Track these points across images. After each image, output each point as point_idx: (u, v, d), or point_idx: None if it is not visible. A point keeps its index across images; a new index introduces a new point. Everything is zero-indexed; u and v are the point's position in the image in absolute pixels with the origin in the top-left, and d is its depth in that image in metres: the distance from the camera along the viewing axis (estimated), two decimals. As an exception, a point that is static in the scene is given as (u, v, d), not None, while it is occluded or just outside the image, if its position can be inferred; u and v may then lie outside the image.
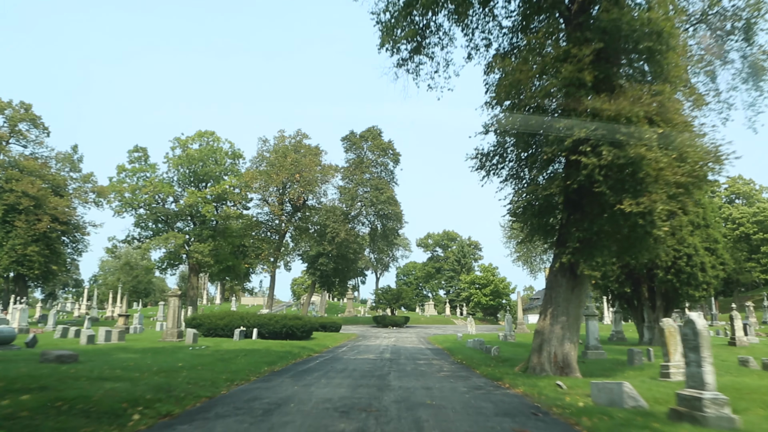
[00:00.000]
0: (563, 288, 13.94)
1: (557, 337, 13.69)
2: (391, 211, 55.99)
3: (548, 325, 13.89)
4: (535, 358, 13.90)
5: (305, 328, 31.92)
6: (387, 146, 58.34)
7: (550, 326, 13.83)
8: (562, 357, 13.54)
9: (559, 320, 13.77)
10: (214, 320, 31.13)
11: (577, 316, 13.91)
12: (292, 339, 31.12)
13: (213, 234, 62.55)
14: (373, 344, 31.68)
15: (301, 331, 31.61)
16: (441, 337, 38.55)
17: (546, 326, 13.94)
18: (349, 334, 42.78)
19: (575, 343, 13.80)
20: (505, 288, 72.82)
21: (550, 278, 14.50)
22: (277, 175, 56.25)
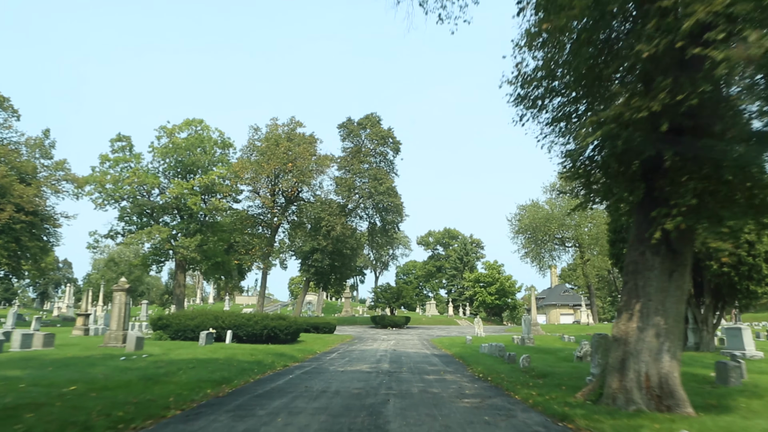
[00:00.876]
0: (656, 272, 8.85)
1: (650, 348, 8.60)
2: (391, 203, 50.87)
3: (634, 330, 8.79)
4: (615, 381, 8.78)
5: (290, 329, 26.80)
6: (386, 134, 53.28)
7: (638, 332, 8.73)
8: (659, 380, 8.44)
9: (651, 322, 8.68)
10: (184, 321, 26.06)
11: (678, 315, 8.82)
12: (275, 342, 26.06)
13: (200, 228, 57.55)
14: (369, 349, 26.57)
15: (285, 334, 26.49)
16: (446, 340, 33.45)
17: (630, 331, 8.83)
18: (343, 336, 37.67)
19: (678, 359, 8.69)
20: (511, 286, 67.66)
21: (632, 258, 9.38)
22: (268, 164, 51.13)
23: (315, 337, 33.92)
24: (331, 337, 34.81)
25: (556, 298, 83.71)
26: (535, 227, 52.94)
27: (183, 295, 57.94)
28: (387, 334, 42.97)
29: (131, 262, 65.01)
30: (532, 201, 56.02)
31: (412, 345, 30.09)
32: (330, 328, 40.20)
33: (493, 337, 34.96)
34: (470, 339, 29.98)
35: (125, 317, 19.39)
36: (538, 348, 25.58)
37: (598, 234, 52.06)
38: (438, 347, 28.41)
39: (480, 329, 39.91)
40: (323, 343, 28.84)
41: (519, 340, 28.65)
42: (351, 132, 54.24)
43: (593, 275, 55.23)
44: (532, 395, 10.27)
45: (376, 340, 34.65)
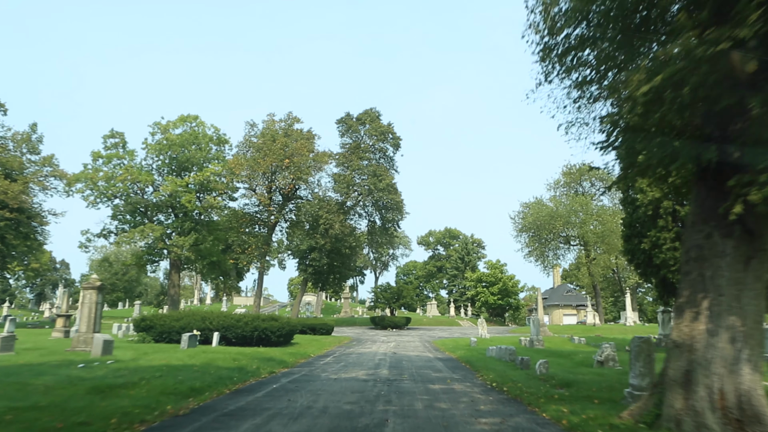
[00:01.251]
0: (728, 259, 6.87)
1: (724, 357, 6.62)
2: (391, 200, 48.88)
3: (702, 334, 6.80)
4: (679, 399, 6.80)
5: (282, 331, 24.79)
6: (386, 130, 51.32)
7: (708, 335, 6.74)
8: (737, 398, 6.45)
9: (724, 323, 6.70)
10: (169, 322, 24.06)
11: (758, 314, 6.84)
12: (266, 345, 24.08)
13: (195, 227, 55.61)
14: (367, 351, 24.59)
15: (277, 336, 24.50)
16: (450, 342, 31.45)
17: (697, 335, 6.85)
18: (341, 338, 35.68)
19: (761, 371, 6.71)
20: (513, 286, 65.62)
21: (695, 242, 7.37)
22: (264, 161, 49.17)
23: (311, 339, 31.94)
24: (327, 339, 32.83)
25: (559, 299, 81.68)
26: (539, 225, 50.99)
27: (178, 296, 56.00)
28: (387, 336, 41.00)
29: (124, 262, 63.02)
30: (535, 198, 54.13)
31: (414, 347, 28.11)
32: (327, 330, 38.22)
33: (498, 339, 32.97)
34: (475, 341, 27.99)
35: (96, 318, 17.40)
36: (549, 351, 23.58)
37: (604, 232, 50.13)
38: (441, 350, 26.41)
39: (484, 330, 37.92)
40: (318, 346, 26.87)
41: (527, 342, 26.67)
42: (350, 128, 52.30)
43: (600, 274, 53.26)
44: (563, 413, 8.29)
45: (375, 342, 32.68)
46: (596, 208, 51.45)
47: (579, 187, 55.27)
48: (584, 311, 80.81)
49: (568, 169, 55.06)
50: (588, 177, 55.00)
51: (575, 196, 52.64)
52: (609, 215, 51.60)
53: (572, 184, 55.51)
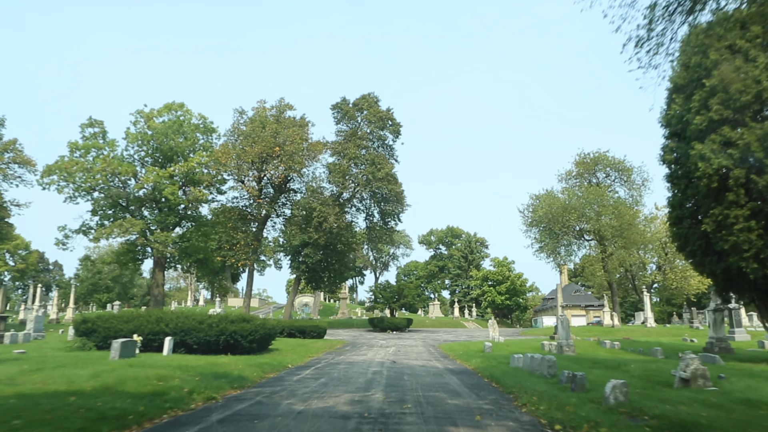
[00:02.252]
0: None
1: None
2: (390, 191, 43.83)
3: None
4: None
5: (256, 335, 19.71)
6: (385, 115, 46.36)
7: None
8: None
9: None
10: (116, 324, 19.06)
11: None
12: (236, 352, 19.08)
13: (179, 221, 50.66)
14: (360, 360, 19.53)
15: (249, 341, 19.43)
16: (458, 347, 26.36)
17: None
18: (333, 342, 30.63)
19: None
20: (522, 285, 60.49)
21: None
22: (253, 149, 44.24)
23: (297, 343, 26.88)
24: (317, 344, 27.76)
25: (567, 299, 76.47)
26: (552, 218, 45.92)
27: (162, 296, 50.89)
28: (386, 339, 35.96)
29: (104, 260, 58.05)
30: (546, 191, 49.08)
31: (417, 354, 23.06)
32: (319, 333, 33.19)
33: (515, 343, 27.88)
34: (489, 346, 22.91)
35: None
36: (586, 359, 18.53)
37: (621, 226, 45.08)
38: (451, 357, 21.36)
39: (495, 332, 32.85)
40: (303, 353, 21.85)
41: (554, 348, 21.62)
42: (346, 114, 47.35)
43: (618, 271, 48.23)
44: None
45: (372, 347, 27.63)
46: (611, 199, 46.40)
47: (593, 178, 50.25)
48: (593, 312, 75.68)
49: (582, 158, 50.05)
50: (603, 167, 50.00)
51: (589, 187, 47.62)
52: (626, 207, 46.59)
53: (585, 175, 50.46)
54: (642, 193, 48.50)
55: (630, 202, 47.56)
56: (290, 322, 33.27)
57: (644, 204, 48.71)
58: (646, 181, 48.29)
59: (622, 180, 49.51)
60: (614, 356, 20.44)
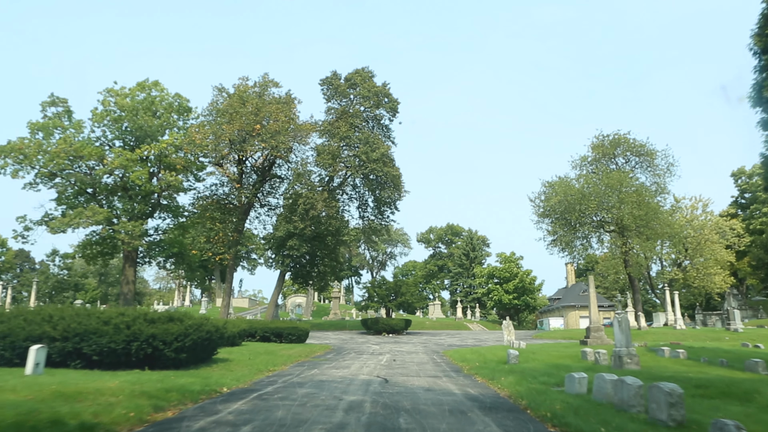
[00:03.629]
0: None
1: None
2: (386, 174, 37.54)
3: None
4: None
5: (185, 341, 13.27)
6: (381, 91, 40.12)
7: None
8: None
9: None
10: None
11: None
12: (157, 366, 12.75)
13: (152, 211, 44.33)
14: (338, 378, 13.16)
15: (175, 350, 13.02)
16: (470, 355, 19.95)
17: None
18: (315, 348, 24.24)
19: None
20: (531, 283, 54.15)
21: None
22: (229, 126, 37.98)
23: (265, 350, 20.49)
24: (292, 350, 21.35)
25: (575, 299, 70.14)
26: (567, 207, 39.64)
27: (132, 294, 44.35)
28: (379, 343, 29.62)
29: (66, 255, 51.71)
30: (558, 177, 42.80)
31: (418, 366, 16.71)
32: (299, 336, 26.80)
33: (541, 350, 21.49)
34: (515, 355, 16.50)
35: None
36: (666, 377, 12.22)
37: (647, 215, 38.81)
38: (465, 371, 15.01)
39: (512, 336, 26.53)
40: (263, 364, 15.50)
41: (612, 359, 15.26)
42: (337, 90, 41.11)
43: (644, 266, 41.99)
44: None
45: (361, 354, 21.27)
46: (633, 186, 40.13)
47: (611, 164, 44.02)
48: (603, 313, 69.24)
49: (600, 140, 43.80)
50: (623, 151, 43.74)
51: (609, 172, 41.37)
52: (650, 194, 40.36)
53: (602, 160, 44.22)
54: (666, 180, 42.27)
55: (654, 190, 41.30)
56: (265, 324, 26.93)
57: (670, 191, 42.28)
58: (671, 165, 42.12)
59: (645, 165, 43.29)
60: (698, 372, 14.13)
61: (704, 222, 52.33)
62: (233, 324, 22.64)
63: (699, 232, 51.03)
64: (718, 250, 51.71)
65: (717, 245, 51.96)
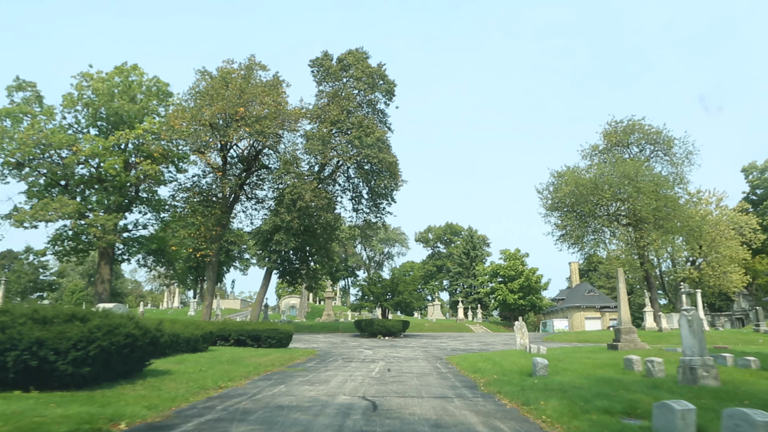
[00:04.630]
0: None
1: None
2: (382, 161, 33.61)
3: None
4: None
5: (90, 349, 9.21)
6: (376, 72, 36.24)
7: None
8: None
9: None
10: None
11: None
12: (48, 386, 8.70)
13: (128, 204, 40.40)
14: (306, 401, 9.13)
15: (73, 362, 8.97)
16: (482, 363, 15.90)
17: None
18: (295, 354, 20.18)
19: None
20: (537, 282, 50.20)
21: None
22: (209, 109, 34.05)
23: (230, 357, 16.47)
24: (265, 358, 17.31)
25: (579, 299, 66.17)
26: (578, 197, 35.73)
27: (107, 294, 40.26)
28: (374, 348, 25.62)
29: (38, 252, 47.52)
30: (567, 168, 38.89)
31: (419, 379, 12.70)
32: (279, 339, 22.76)
33: (570, 357, 17.46)
34: (544, 364, 12.50)
35: None
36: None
37: (666, 205, 34.93)
38: (484, 388, 11.00)
39: (525, 339, 22.57)
40: (217, 377, 11.53)
41: (685, 374, 11.25)
42: (328, 72, 37.24)
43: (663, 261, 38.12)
44: None
45: (348, 362, 17.26)
46: (649, 176, 36.25)
47: (625, 152, 40.19)
48: (609, 314, 65.33)
49: (612, 127, 39.96)
50: (637, 139, 39.91)
51: (622, 161, 37.51)
52: (668, 185, 36.49)
53: (615, 149, 40.40)
54: (684, 170, 38.41)
55: (672, 180, 37.41)
56: (241, 326, 22.88)
57: (689, 181, 38.36)
58: (690, 154, 38.32)
59: (661, 154, 39.46)
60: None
61: (719, 217, 48.47)
62: (196, 326, 18.64)
63: (714, 227, 47.18)
64: (735, 246, 47.88)
65: (733, 242, 48.14)
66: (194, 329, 17.82)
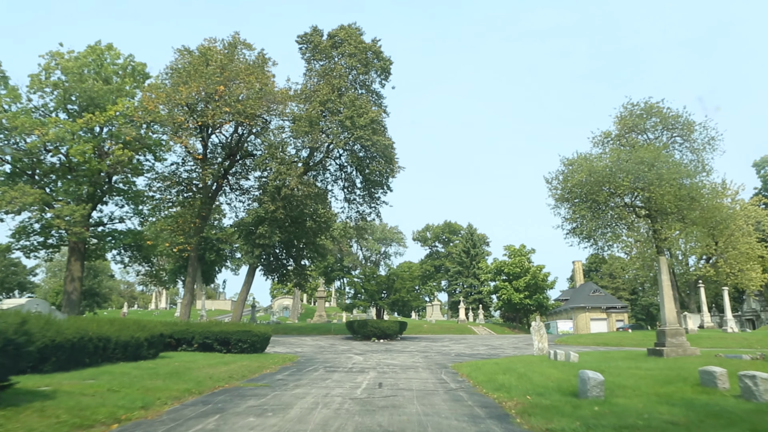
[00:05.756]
0: None
1: None
2: (376, 143, 29.70)
3: None
4: None
5: None
6: (370, 48, 32.41)
7: None
8: None
9: None
10: None
11: None
12: None
13: (101, 195, 36.42)
14: None
15: None
16: (501, 374, 11.95)
17: None
18: (270, 360, 16.18)
19: None
20: (544, 280, 46.26)
21: None
22: (186, 87, 30.19)
23: (179, 367, 12.49)
24: (225, 367, 13.34)
25: (584, 300, 62.25)
26: (592, 188, 31.87)
27: (78, 294, 36.22)
28: (366, 352, 21.68)
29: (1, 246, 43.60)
30: (579, 154, 35.07)
31: (421, 401, 8.75)
32: (253, 343, 18.76)
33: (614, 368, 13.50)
34: (597, 381, 8.65)
35: None
36: None
37: (690, 194, 31.12)
38: (520, 420, 7.05)
39: (544, 343, 18.67)
40: (125, 402, 7.55)
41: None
42: (318, 48, 33.38)
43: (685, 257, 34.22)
44: None
45: (332, 372, 13.28)
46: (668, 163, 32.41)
47: (641, 137, 36.42)
48: (616, 315, 61.43)
49: (628, 111, 36.19)
50: (654, 124, 36.13)
51: (638, 147, 33.71)
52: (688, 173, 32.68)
53: (629, 136, 36.62)
54: (705, 157, 34.63)
55: (693, 168, 33.61)
56: (207, 327, 18.90)
57: (712, 169, 34.59)
58: (712, 140, 34.56)
59: (679, 140, 35.70)
60: None
61: (737, 211, 44.69)
62: (139, 326, 14.68)
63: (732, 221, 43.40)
64: (752, 243, 44.16)
65: (751, 237, 44.43)
66: (136, 331, 13.89)
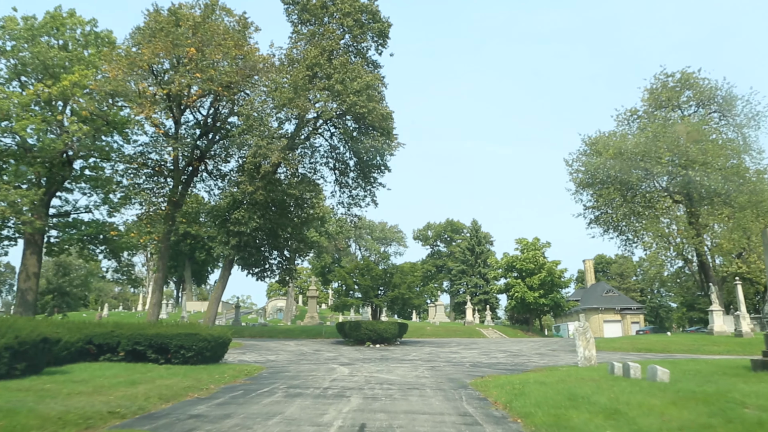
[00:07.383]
0: None
1: None
2: (372, 111, 24.48)
3: None
4: None
5: None
6: (366, 8, 27.46)
7: None
8: None
9: None
10: None
11: None
12: None
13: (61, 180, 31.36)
14: None
15: None
16: (568, 406, 6.79)
17: None
18: (213, 376, 10.84)
19: None
20: (560, 277, 40.97)
21: None
22: (151, 45, 25.14)
23: (52, 389, 7.23)
24: (119, 392, 8.12)
25: (597, 300, 57.01)
26: (624, 163, 26.73)
27: (32, 291, 30.94)
28: (355, 362, 16.44)
29: None
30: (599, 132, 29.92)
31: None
32: (201, 351, 13.52)
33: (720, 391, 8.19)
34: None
35: None
36: None
37: (736, 175, 25.98)
38: None
39: (592, 350, 13.49)
40: None
41: None
42: (305, 8, 28.31)
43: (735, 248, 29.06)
44: None
45: (297, 396, 8.01)
46: (709, 140, 27.31)
47: (673, 113, 31.34)
48: (631, 317, 56.12)
49: (662, 81, 31.07)
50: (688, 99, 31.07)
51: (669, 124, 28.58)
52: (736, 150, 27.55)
53: (657, 113, 31.51)
54: (749, 135, 29.53)
55: (738, 146, 28.49)
56: (136, 330, 13.71)
57: (761, 149, 29.41)
58: (757, 116, 29.50)
59: (716, 116, 30.63)
60: None
61: None
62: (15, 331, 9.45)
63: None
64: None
65: (786, 230, 39.17)
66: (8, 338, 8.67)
